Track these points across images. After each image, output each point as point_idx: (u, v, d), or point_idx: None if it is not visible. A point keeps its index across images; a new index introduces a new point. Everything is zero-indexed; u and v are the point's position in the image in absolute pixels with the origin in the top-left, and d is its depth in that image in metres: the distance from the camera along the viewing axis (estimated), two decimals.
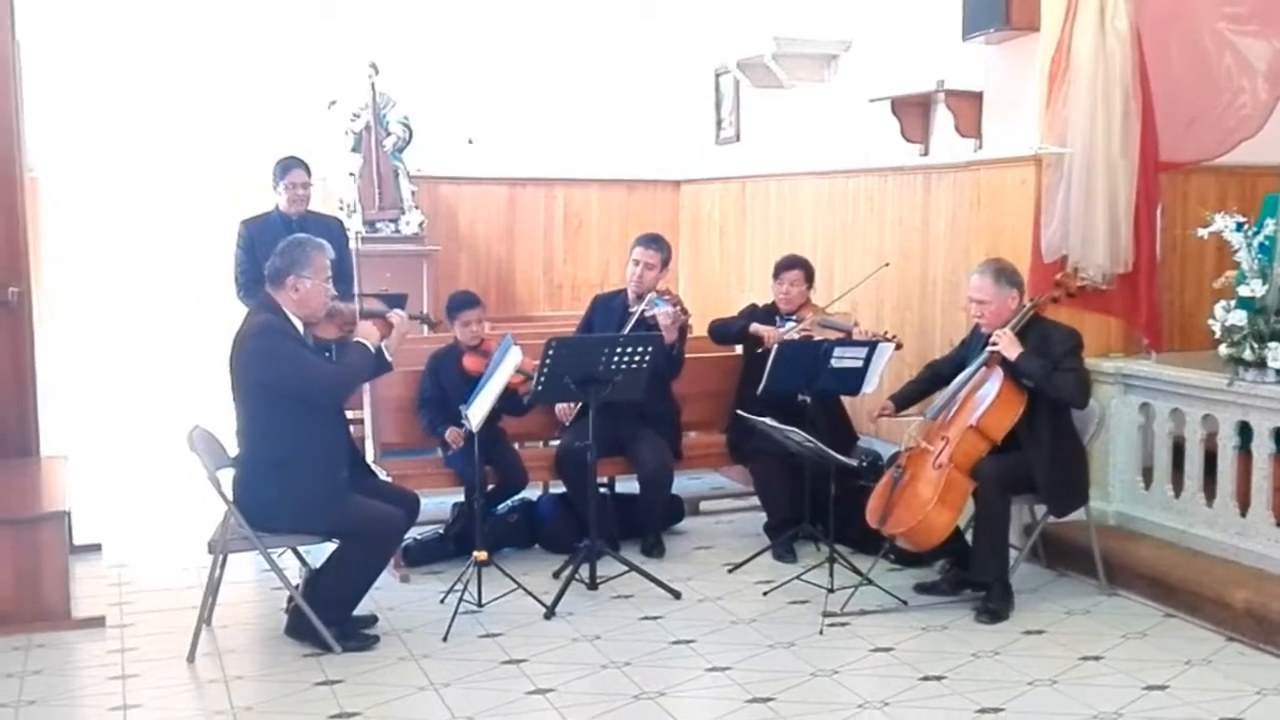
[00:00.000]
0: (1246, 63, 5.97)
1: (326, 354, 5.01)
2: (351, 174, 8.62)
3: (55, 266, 8.47)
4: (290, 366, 4.70)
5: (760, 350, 6.07)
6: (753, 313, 6.52)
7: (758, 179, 8.82)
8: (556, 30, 9.49)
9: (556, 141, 9.61)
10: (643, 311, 6.09)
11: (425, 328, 5.97)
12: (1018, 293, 5.33)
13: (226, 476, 4.87)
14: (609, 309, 6.43)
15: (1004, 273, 5.34)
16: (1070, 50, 5.65)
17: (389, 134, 8.74)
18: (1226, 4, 5.94)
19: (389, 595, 5.36)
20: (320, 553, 5.11)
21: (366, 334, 4.92)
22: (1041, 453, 5.16)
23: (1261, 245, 5.22)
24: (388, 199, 8.64)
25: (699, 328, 8.40)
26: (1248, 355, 5.10)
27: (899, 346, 5.99)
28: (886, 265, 6.74)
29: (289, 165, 6.74)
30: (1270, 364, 5.02)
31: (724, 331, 6.52)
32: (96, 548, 6.08)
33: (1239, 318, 5.13)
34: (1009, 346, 5.14)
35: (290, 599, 4.91)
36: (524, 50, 9.44)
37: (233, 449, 4.94)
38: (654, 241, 6.40)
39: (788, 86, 8.10)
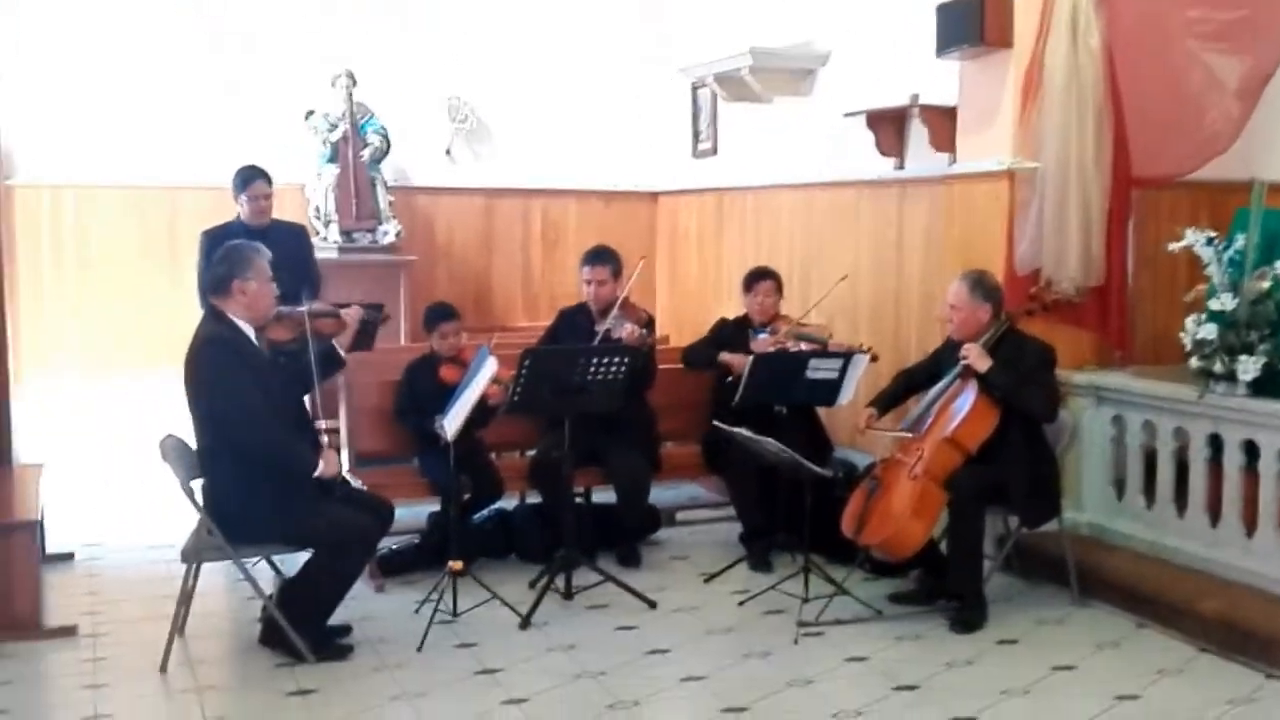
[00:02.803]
0: (1217, 80, 6.05)
1: (281, 359, 4.99)
2: (328, 186, 8.62)
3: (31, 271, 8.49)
4: (231, 401, 4.62)
5: (729, 380, 6.06)
6: (722, 328, 6.53)
7: (735, 191, 8.86)
8: (533, 42, 9.54)
9: (534, 152, 9.65)
10: (607, 331, 6.04)
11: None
12: (991, 306, 5.33)
13: (200, 486, 4.84)
14: (574, 323, 6.35)
15: (981, 285, 5.36)
16: (1043, 67, 5.72)
17: (366, 144, 8.73)
18: (1197, 22, 6.01)
19: (364, 605, 5.34)
20: (294, 562, 5.10)
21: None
22: (1014, 465, 5.19)
23: (1232, 260, 5.27)
24: (365, 209, 8.65)
25: (676, 338, 8.45)
26: (1218, 368, 5.15)
27: (874, 359, 6.02)
28: (844, 278, 6.61)
29: (249, 176, 6.45)
30: (1240, 377, 5.07)
31: (695, 361, 6.51)
32: (69, 556, 6.05)
33: (1210, 331, 5.18)
34: (978, 360, 5.17)
35: (264, 608, 4.89)
36: (501, 62, 9.48)
37: None
38: (598, 256, 6.30)
39: (765, 100, 8.15)
